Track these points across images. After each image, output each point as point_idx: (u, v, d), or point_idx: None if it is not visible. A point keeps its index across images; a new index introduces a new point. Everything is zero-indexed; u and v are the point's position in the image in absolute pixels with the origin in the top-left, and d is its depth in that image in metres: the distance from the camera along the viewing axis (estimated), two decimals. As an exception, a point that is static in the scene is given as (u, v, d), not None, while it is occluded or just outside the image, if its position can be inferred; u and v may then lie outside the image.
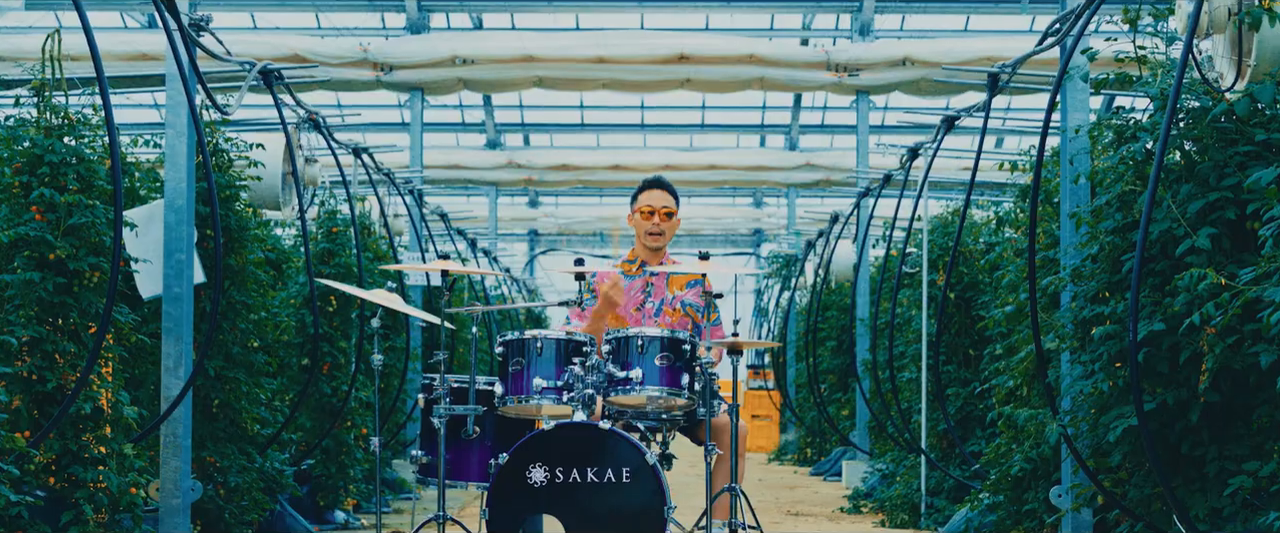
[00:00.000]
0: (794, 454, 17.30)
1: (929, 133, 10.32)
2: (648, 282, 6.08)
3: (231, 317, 7.77)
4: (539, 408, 5.49)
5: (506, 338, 5.53)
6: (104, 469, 6.08)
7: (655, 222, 6.03)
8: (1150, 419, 5.57)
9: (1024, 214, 8.67)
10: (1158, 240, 5.60)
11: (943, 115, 9.13)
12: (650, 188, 6.09)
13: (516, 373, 5.49)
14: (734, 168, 19.72)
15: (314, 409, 9.68)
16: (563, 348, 5.48)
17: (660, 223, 6.04)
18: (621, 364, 5.47)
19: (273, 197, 8.65)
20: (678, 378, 5.46)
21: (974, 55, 13.18)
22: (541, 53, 13.81)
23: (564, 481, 5.28)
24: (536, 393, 5.44)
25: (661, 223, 6.03)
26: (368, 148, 10.68)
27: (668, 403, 5.51)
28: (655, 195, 6.07)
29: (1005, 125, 12.60)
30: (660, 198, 6.07)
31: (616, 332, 5.53)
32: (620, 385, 5.47)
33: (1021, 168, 8.64)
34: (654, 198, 6.06)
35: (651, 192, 6.08)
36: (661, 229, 6.03)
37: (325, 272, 9.86)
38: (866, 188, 12.96)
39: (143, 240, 6.92)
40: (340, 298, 9.84)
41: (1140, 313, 5.49)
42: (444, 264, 5.63)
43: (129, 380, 7.02)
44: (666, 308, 6.07)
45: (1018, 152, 9.15)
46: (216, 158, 7.91)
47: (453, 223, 16.13)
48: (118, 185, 5.52)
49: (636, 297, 6.08)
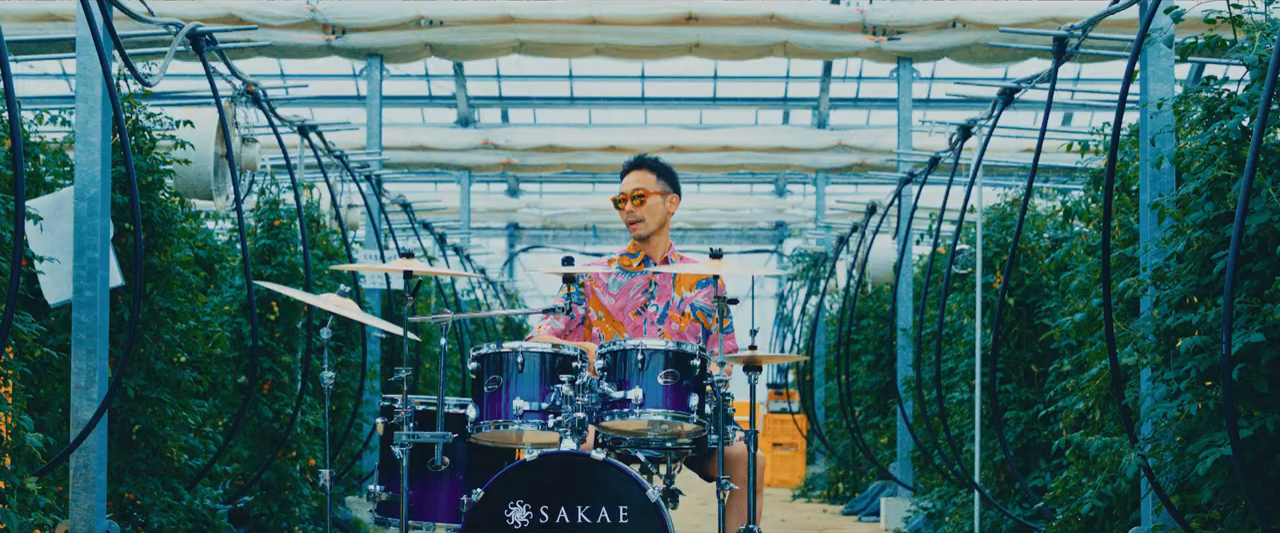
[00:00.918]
0: (823, 490, 17.30)
1: (984, 107, 10.32)
2: (650, 281, 6.09)
3: (154, 326, 7.77)
4: (520, 435, 5.48)
5: (481, 352, 5.53)
6: (3, 508, 6.07)
7: (628, 210, 6.18)
8: (1247, 448, 5.56)
9: (1096, 204, 8.67)
10: (1256, 235, 5.59)
11: (1000, 87, 9.12)
12: (622, 173, 6.26)
13: (493, 393, 5.49)
14: (752, 149, 19.71)
15: (252, 436, 9.67)
16: (548, 364, 5.48)
17: (633, 210, 6.16)
18: (618, 382, 5.47)
19: (204, 183, 8.65)
20: (685, 399, 5.47)
21: (1037, 15, 13.16)
22: (522, 12, 13.81)
23: (550, 521, 5.28)
24: (517, 417, 5.44)
25: (635, 209, 6.15)
26: (316, 125, 10.67)
27: (673, 429, 5.51)
28: (625, 181, 6.23)
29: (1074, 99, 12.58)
30: (629, 181, 6.22)
31: (612, 344, 5.53)
32: (617, 408, 5.48)
33: (1093, 149, 8.64)
34: (625, 184, 6.23)
35: (624, 179, 6.25)
36: (637, 215, 6.16)
37: (266, 273, 9.86)
38: (909, 173, 12.95)
39: (49, 236, 6.91)
40: (284, 304, 9.84)
41: (1235, 322, 5.48)
42: (407, 264, 5.63)
43: (32, 402, 7.02)
44: (673, 312, 6.08)
45: (1089, 130, 9.16)
46: (137, 137, 7.91)
47: (417, 214, 16.12)
48: (18, 170, 5.51)
49: (637, 299, 6.09)
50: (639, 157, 6.27)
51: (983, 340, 9.95)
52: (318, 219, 11.15)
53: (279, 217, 10.16)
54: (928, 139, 14.69)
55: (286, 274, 9.95)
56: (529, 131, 20.51)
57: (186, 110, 8.82)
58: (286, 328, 9.95)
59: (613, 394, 5.48)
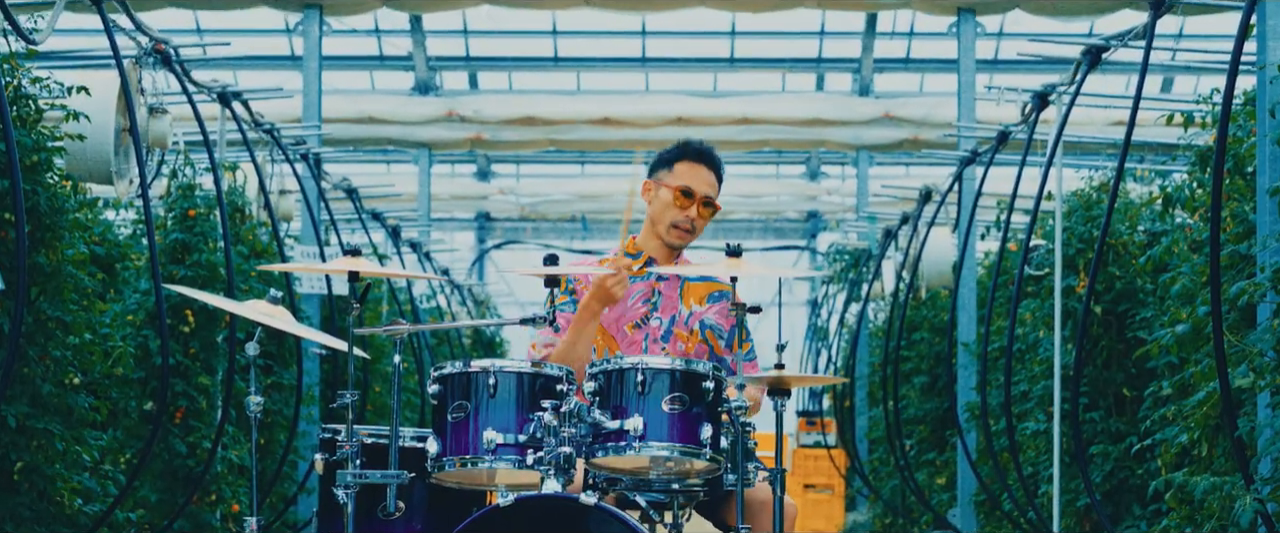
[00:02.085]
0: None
1: (1064, 70, 10.31)
2: (654, 288, 6.07)
3: (41, 340, 7.75)
4: (491, 474, 5.48)
5: (444, 371, 5.53)
6: None
7: (692, 212, 6.00)
8: (1388, 491, 5.56)
9: (1203, 189, 8.66)
10: (1399, 228, 5.60)
11: (1085, 44, 9.12)
12: (693, 159, 6.04)
13: (459, 423, 5.48)
14: (778, 122, 19.69)
15: (162, 476, 9.66)
16: (527, 386, 5.47)
17: (697, 215, 6.02)
18: (613, 409, 5.47)
19: (102, 164, 8.64)
20: (695, 430, 5.46)
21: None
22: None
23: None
24: (488, 452, 5.44)
25: (699, 216, 6.01)
26: (241, 92, 10.66)
27: (681, 467, 5.50)
28: (699, 174, 6.03)
29: (1175, 60, 12.58)
30: (705, 178, 6.04)
31: (605, 362, 5.52)
32: (612, 441, 5.47)
33: (1199, 122, 8.64)
34: (697, 176, 6.02)
35: (696, 166, 6.03)
36: (695, 224, 6.02)
37: (179, 274, 9.85)
38: (972, 151, 12.95)
39: (-89, 228, 6.91)
40: (201, 313, 9.83)
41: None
42: (353, 263, 5.63)
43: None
44: (679, 329, 6.06)
45: (1193, 97, 9.15)
46: (19, 107, 7.90)
47: (366, 202, 16.11)
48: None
49: (637, 309, 6.07)
50: (713, 150, 6.09)
51: (1063, 358, 9.93)
52: (242, 208, 11.13)
53: (195, 205, 10.14)
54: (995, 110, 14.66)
55: (204, 276, 9.93)
56: (503, 100, 20.48)
57: (81, 74, 8.81)
58: (204, 342, 9.93)
59: (606, 424, 5.46)
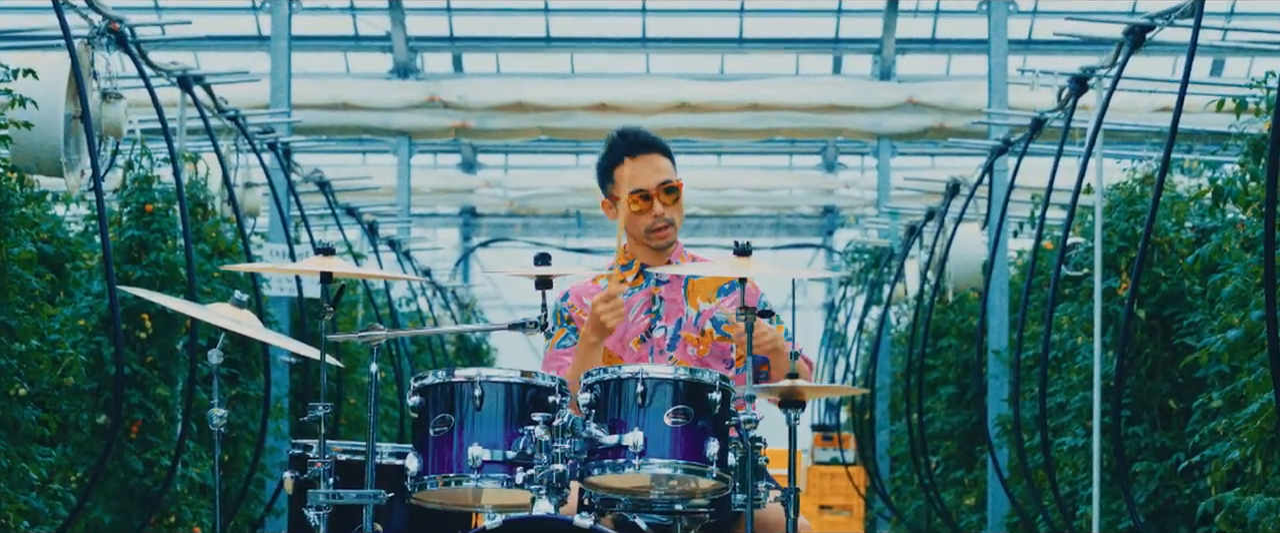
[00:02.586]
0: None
1: (1105, 52, 10.31)
2: (654, 294, 6.06)
3: (-16, 347, 7.76)
4: (477, 494, 5.48)
5: (426, 382, 5.53)
6: None
7: (657, 209, 5.97)
8: None
9: (1257, 183, 8.65)
10: None
11: (1127, 23, 9.11)
12: (629, 154, 5.97)
13: (442, 438, 5.48)
14: (791, 108, 19.71)
15: (117, 496, 9.66)
16: (516, 398, 5.47)
17: (665, 210, 5.99)
18: (611, 423, 5.47)
19: (51, 154, 8.63)
20: (700, 446, 5.46)
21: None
22: (482, -77, 13.82)
23: (518, 611, 5.28)
24: (474, 470, 5.44)
25: (667, 209, 5.98)
26: (203, 76, 10.66)
27: (685, 486, 5.50)
28: (642, 167, 5.97)
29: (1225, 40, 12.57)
30: (651, 166, 5.98)
31: (602, 372, 5.51)
32: (609, 458, 5.47)
33: (1253, 108, 8.63)
34: (642, 170, 5.96)
35: (635, 161, 5.95)
36: (669, 217, 6.00)
37: (135, 275, 9.85)
38: (1004, 140, 12.94)
39: None
40: (159, 318, 9.82)
41: None
42: (326, 263, 5.62)
43: None
44: (687, 332, 6.05)
45: (1247, 82, 9.14)
46: (-40, 92, 7.91)
47: (339, 196, 16.11)
48: None
49: (640, 322, 6.05)
50: (644, 133, 6.03)
51: (1103, 367, 9.93)
52: (205, 203, 11.13)
53: (152, 200, 10.13)
54: (1028, 95, 14.66)
55: (163, 277, 9.92)
56: (490, 84, 20.49)
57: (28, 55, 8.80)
58: (162, 350, 9.92)
59: (603, 439, 5.47)
